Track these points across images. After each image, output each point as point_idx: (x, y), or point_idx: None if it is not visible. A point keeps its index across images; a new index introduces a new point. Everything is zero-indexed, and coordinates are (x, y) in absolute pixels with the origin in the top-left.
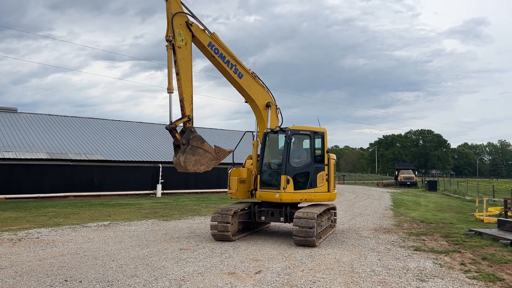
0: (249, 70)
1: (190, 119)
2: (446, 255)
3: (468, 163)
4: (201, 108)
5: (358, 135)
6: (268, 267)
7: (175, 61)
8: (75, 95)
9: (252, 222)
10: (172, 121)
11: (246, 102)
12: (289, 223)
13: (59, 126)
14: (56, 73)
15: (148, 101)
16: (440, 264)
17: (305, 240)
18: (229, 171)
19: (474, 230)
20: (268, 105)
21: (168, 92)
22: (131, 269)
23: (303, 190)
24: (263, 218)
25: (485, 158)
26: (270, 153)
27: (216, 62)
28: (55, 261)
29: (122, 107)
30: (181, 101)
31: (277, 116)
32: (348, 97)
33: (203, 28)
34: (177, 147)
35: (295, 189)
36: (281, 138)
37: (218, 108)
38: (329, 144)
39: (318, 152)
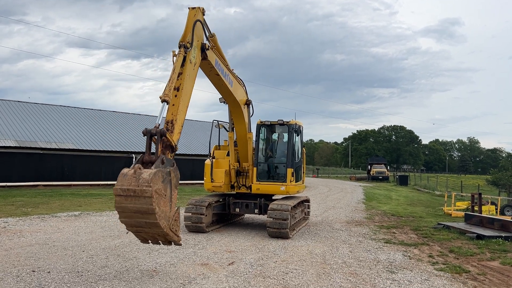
0: (232, 70)
1: (175, 151)
2: (415, 248)
3: (438, 159)
4: None
5: (333, 130)
6: (241, 259)
7: (179, 74)
8: (47, 82)
9: (226, 214)
10: (158, 126)
11: (223, 102)
12: (263, 215)
13: (29, 114)
14: (29, 59)
15: (124, 90)
16: (409, 256)
17: (279, 231)
18: (208, 162)
19: (442, 224)
20: (246, 103)
21: (163, 101)
22: (102, 260)
23: (298, 183)
24: (237, 210)
25: (454, 155)
26: (266, 145)
27: (217, 79)
28: (22, 252)
29: (97, 96)
30: (171, 122)
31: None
32: (325, 91)
33: (214, 45)
34: (144, 164)
35: (291, 182)
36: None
37: (195, 100)
38: (304, 138)
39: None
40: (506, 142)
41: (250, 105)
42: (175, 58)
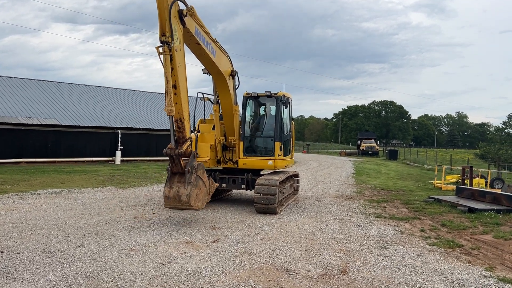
0: (215, 39)
1: (192, 141)
2: (406, 222)
3: (427, 133)
4: None
5: (324, 106)
6: (226, 236)
7: (171, 70)
8: (34, 58)
9: None
10: (176, 146)
11: (206, 73)
12: (251, 190)
13: (9, 88)
14: (14, 34)
15: (112, 66)
16: (400, 231)
17: (267, 207)
18: (193, 137)
19: (433, 197)
20: (232, 74)
21: (169, 115)
22: (78, 239)
23: (286, 157)
24: (224, 185)
25: (443, 129)
26: (253, 118)
27: (198, 48)
28: None
29: (85, 72)
30: (180, 121)
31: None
32: (316, 67)
33: (192, 12)
34: (174, 174)
35: (279, 156)
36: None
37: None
38: (295, 114)
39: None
40: (494, 116)
41: (236, 76)
42: (161, 56)
